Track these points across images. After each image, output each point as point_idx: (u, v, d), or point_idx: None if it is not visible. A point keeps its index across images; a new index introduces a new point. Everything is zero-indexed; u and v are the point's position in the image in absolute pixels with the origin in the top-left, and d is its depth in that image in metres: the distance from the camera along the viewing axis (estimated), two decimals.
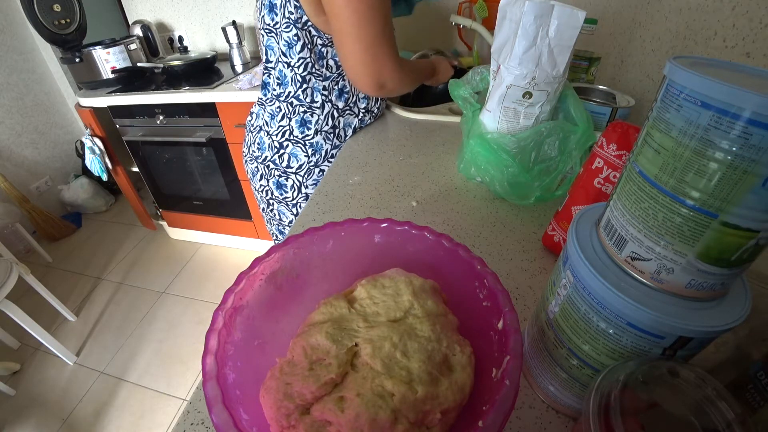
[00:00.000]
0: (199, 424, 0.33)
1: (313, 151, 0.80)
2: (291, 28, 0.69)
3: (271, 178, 0.84)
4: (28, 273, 1.51)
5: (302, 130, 0.79)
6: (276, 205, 0.88)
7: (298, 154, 0.80)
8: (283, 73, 0.76)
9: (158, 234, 2.28)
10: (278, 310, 0.32)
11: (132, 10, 2.05)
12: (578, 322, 0.26)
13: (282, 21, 0.69)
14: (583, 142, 0.52)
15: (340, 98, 0.79)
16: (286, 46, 0.72)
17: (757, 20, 0.55)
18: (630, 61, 0.88)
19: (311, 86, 0.76)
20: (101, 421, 1.38)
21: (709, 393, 0.20)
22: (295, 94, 0.77)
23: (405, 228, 0.34)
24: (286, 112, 0.79)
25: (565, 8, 0.46)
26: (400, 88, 0.70)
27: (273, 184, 0.84)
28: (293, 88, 0.76)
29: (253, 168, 0.87)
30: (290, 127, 0.79)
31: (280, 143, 0.80)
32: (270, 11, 0.70)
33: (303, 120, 0.78)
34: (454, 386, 0.26)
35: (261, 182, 0.87)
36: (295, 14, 0.67)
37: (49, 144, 2.31)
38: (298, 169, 0.81)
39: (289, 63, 0.74)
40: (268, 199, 0.88)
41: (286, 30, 0.70)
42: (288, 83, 0.76)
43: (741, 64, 0.21)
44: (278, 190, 0.85)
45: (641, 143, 0.23)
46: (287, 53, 0.73)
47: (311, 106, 0.78)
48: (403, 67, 0.67)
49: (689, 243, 0.21)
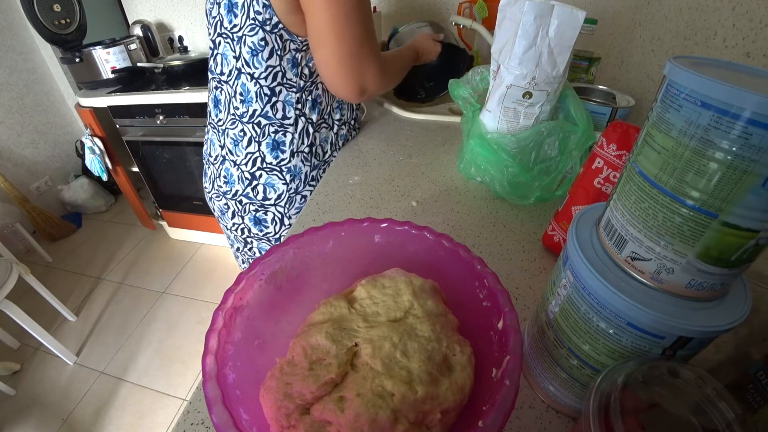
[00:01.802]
0: (199, 424, 0.33)
1: (291, 177, 0.70)
2: (257, 31, 0.59)
3: (246, 214, 0.73)
4: (28, 273, 1.51)
5: (276, 155, 0.68)
6: (256, 243, 0.77)
7: (274, 183, 0.70)
8: (246, 87, 0.64)
9: (158, 234, 2.28)
10: (278, 310, 0.32)
11: (132, 10, 2.05)
12: (578, 322, 0.26)
13: (245, 23, 0.59)
14: (583, 142, 0.52)
15: (313, 110, 0.69)
16: (250, 53, 0.61)
17: (757, 20, 0.55)
18: (630, 61, 0.88)
19: (282, 100, 0.65)
20: (101, 421, 1.38)
21: (709, 393, 0.20)
22: (263, 112, 0.65)
23: (405, 228, 0.34)
24: (252, 135, 0.67)
25: (565, 8, 0.46)
26: (381, 91, 0.65)
27: (249, 220, 0.74)
28: (259, 104, 0.65)
29: (222, 206, 0.75)
30: (261, 153, 0.68)
31: (251, 174, 0.69)
32: (229, 12, 0.60)
33: (275, 142, 0.67)
34: (454, 386, 0.26)
35: (234, 220, 0.75)
36: (263, 14, 0.57)
37: (49, 144, 2.31)
38: (278, 200, 0.71)
39: (253, 74, 0.62)
40: (245, 238, 0.77)
41: (251, 33, 0.59)
42: (252, 99, 0.64)
43: (741, 64, 0.21)
44: (257, 226, 0.74)
45: (641, 143, 0.23)
46: (250, 62, 0.61)
47: (282, 124, 0.67)
48: (385, 71, 0.62)
49: (689, 243, 0.21)
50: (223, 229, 0.82)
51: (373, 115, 0.95)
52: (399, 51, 0.78)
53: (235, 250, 0.83)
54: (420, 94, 0.96)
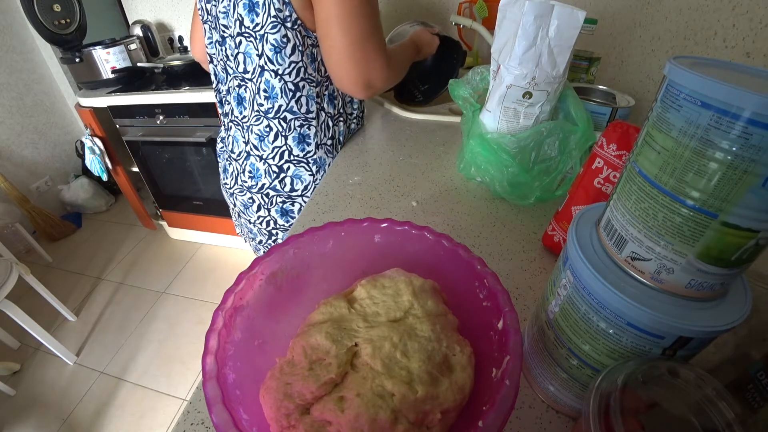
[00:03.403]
0: (199, 424, 0.33)
1: (317, 168, 0.73)
2: (279, 29, 0.60)
3: (272, 206, 0.76)
4: (28, 273, 1.51)
5: (302, 147, 0.71)
6: (281, 234, 0.79)
7: (301, 174, 0.73)
8: (270, 84, 0.66)
9: (158, 234, 2.28)
10: (278, 310, 0.32)
11: (132, 10, 2.05)
12: (578, 322, 0.26)
13: (267, 21, 0.60)
14: (583, 142, 0.52)
15: (330, 104, 0.72)
16: (273, 50, 0.62)
17: (757, 20, 0.55)
18: (630, 61, 0.88)
19: (305, 94, 0.67)
20: (101, 421, 1.38)
21: (709, 393, 0.20)
22: (288, 107, 0.68)
23: (405, 228, 0.33)
24: (279, 129, 0.69)
25: (565, 8, 0.46)
26: (385, 88, 0.65)
27: (276, 212, 0.76)
28: (284, 100, 0.67)
29: (246, 200, 0.78)
30: (287, 146, 0.71)
31: (279, 167, 0.72)
32: (250, 11, 0.61)
33: (300, 135, 0.70)
34: (454, 386, 0.26)
35: (259, 213, 0.78)
36: (283, 11, 0.59)
37: (49, 144, 2.31)
38: (304, 191, 0.74)
39: (277, 71, 0.64)
40: (270, 230, 0.79)
41: (273, 31, 0.61)
42: (277, 95, 0.66)
43: (741, 64, 0.21)
44: (283, 217, 0.76)
45: (641, 143, 0.23)
46: (274, 59, 0.63)
47: (307, 118, 0.69)
48: (390, 65, 0.62)
49: (689, 243, 0.21)
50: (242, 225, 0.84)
51: (373, 115, 0.95)
52: (402, 45, 0.78)
53: (257, 242, 0.85)
54: (417, 98, 0.95)
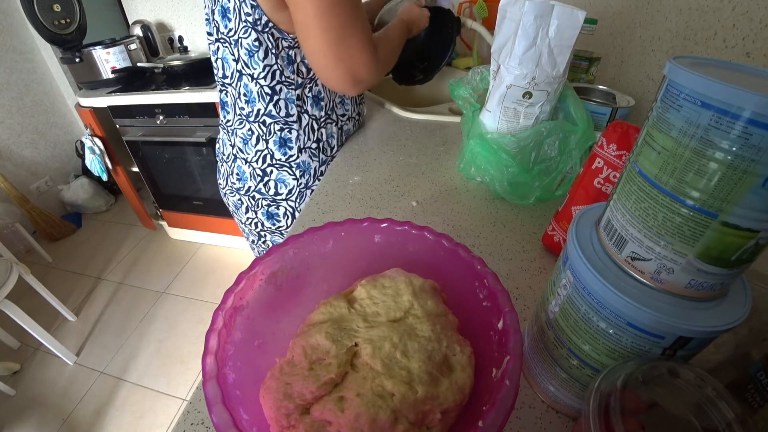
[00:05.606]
0: (199, 424, 0.33)
1: (301, 172, 0.72)
2: (250, 33, 0.60)
3: (259, 209, 0.76)
4: (28, 273, 1.51)
5: (284, 152, 0.70)
6: (269, 236, 0.80)
7: (285, 178, 0.72)
8: (248, 88, 0.66)
9: (158, 234, 2.28)
10: (278, 310, 0.32)
11: (132, 10, 2.05)
12: (578, 322, 0.26)
13: (238, 26, 0.60)
14: (583, 142, 0.52)
15: (316, 107, 0.70)
16: (247, 54, 0.62)
17: (757, 20, 0.55)
18: (630, 61, 0.88)
19: (283, 98, 0.66)
20: (101, 421, 1.38)
21: (709, 393, 0.20)
22: (267, 111, 0.67)
23: (405, 228, 0.33)
24: (259, 133, 0.69)
25: (565, 8, 0.46)
26: (377, 79, 0.63)
27: (262, 215, 0.76)
28: (262, 104, 0.66)
29: (236, 201, 0.78)
30: (269, 150, 0.70)
31: (263, 170, 0.72)
32: (223, 17, 0.61)
33: (281, 139, 0.69)
34: (454, 386, 0.26)
35: (248, 215, 0.78)
36: (252, 15, 0.58)
37: (49, 144, 2.32)
38: (288, 195, 0.74)
39: (253, 75, 0.64)
40: (259, 232, 0.80)
41: (245, 35, 0.60)
42: (255, 99, 0.66)
43: (741, 64, 0.21)
44: (269, 220, 0.77)
45: (641, 143, 0.23)
46: (249, 63, 0.63)
47: (287, 121, 0.68)
48: (378, 55, 0.60)
49: (689, 243, 0.21)
50: (238, 223, 0.85)
51: (373, 115, 0.95)
52: (387, 30, 0.74)
53: (251, 242, 0.86)
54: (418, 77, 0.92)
